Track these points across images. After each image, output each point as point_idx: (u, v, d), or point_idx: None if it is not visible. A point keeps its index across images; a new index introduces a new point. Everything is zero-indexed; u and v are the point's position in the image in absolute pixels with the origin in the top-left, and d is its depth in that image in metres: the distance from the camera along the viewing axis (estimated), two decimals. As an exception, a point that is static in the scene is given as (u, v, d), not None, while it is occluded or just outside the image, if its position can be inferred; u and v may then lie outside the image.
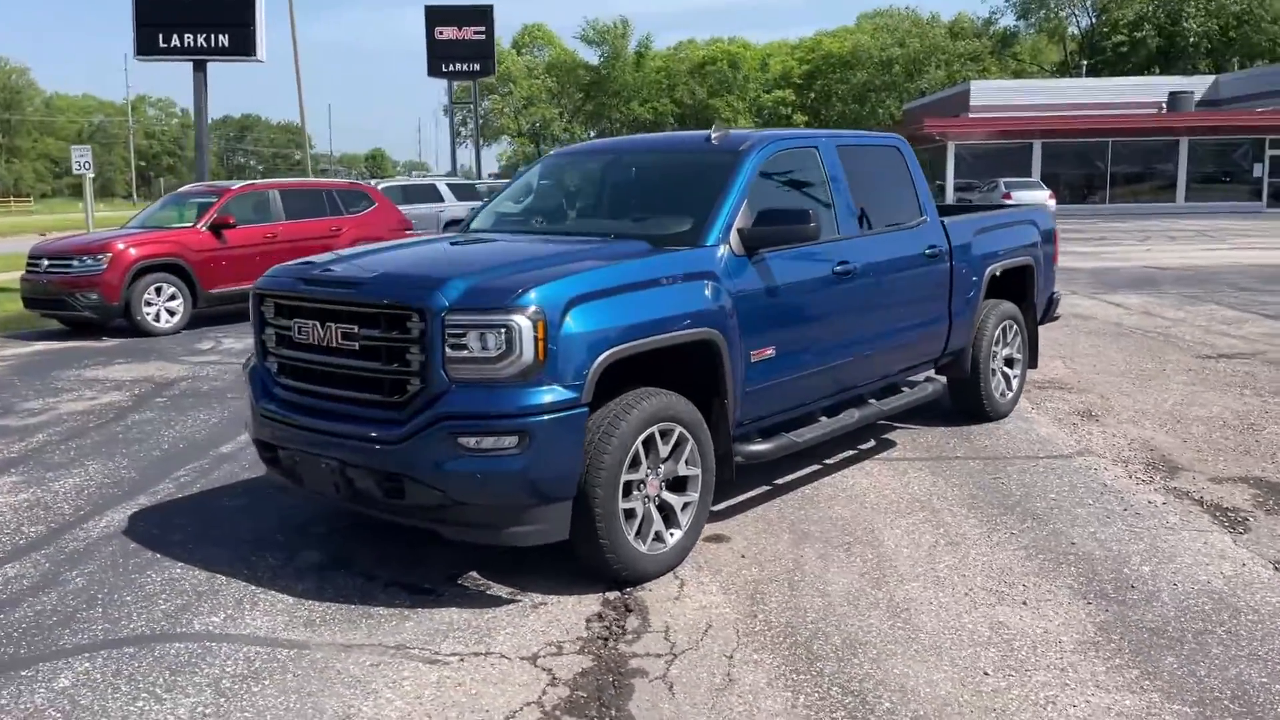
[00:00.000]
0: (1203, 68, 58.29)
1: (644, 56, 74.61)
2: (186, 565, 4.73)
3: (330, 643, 3.91)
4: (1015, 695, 3.38)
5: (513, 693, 3.49)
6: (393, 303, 4.11)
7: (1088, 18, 66.00)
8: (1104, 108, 43.74)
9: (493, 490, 3.99)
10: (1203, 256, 20.44)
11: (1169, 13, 60.19)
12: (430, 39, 42.95)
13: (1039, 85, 48.90)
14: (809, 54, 72.08)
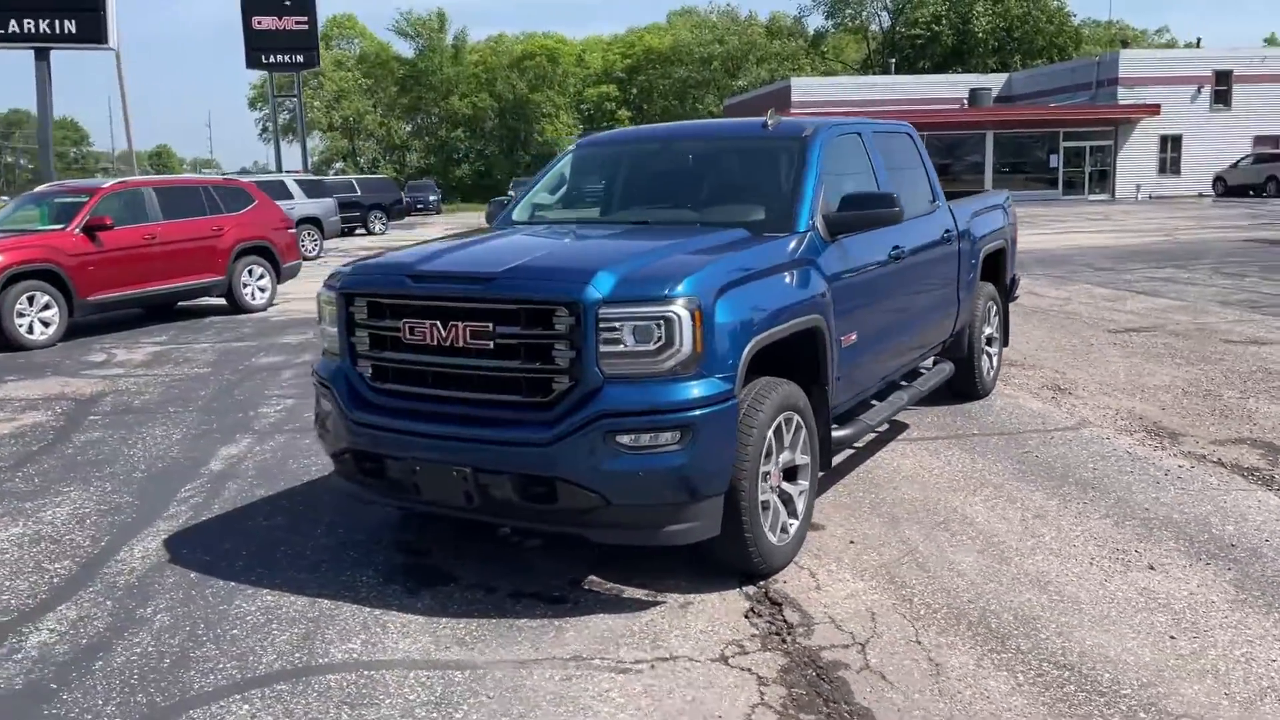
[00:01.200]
0: (991, 65, 62.52)
1: (461, 50, 73.42)
2: (275, 591, 4.34)
3: (500, 660, 3.68)
4: (1214, 655, 3.54)
5: (731, 695, 3.40)
6: (539, 298, 3.89)
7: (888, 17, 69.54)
8: (914, 103, 46.20)
9: (653, 489, 3.85)
10: (1041, 240, 21.92)
11: (960, 13, 64.16)
12: (247, 29, 40.87)
13: (855, 81, 51.12)
14: (630, 49, 72.74)
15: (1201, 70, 42.83)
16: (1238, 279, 14.19)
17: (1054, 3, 64.42)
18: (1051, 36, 63.87)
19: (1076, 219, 29.60)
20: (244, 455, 6.53)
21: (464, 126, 73.05)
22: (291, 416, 7.57)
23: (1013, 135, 42.32)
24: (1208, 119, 42.46)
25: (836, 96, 46.95)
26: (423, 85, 73.81)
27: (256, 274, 14.12)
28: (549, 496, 3.92)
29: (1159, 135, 42.36)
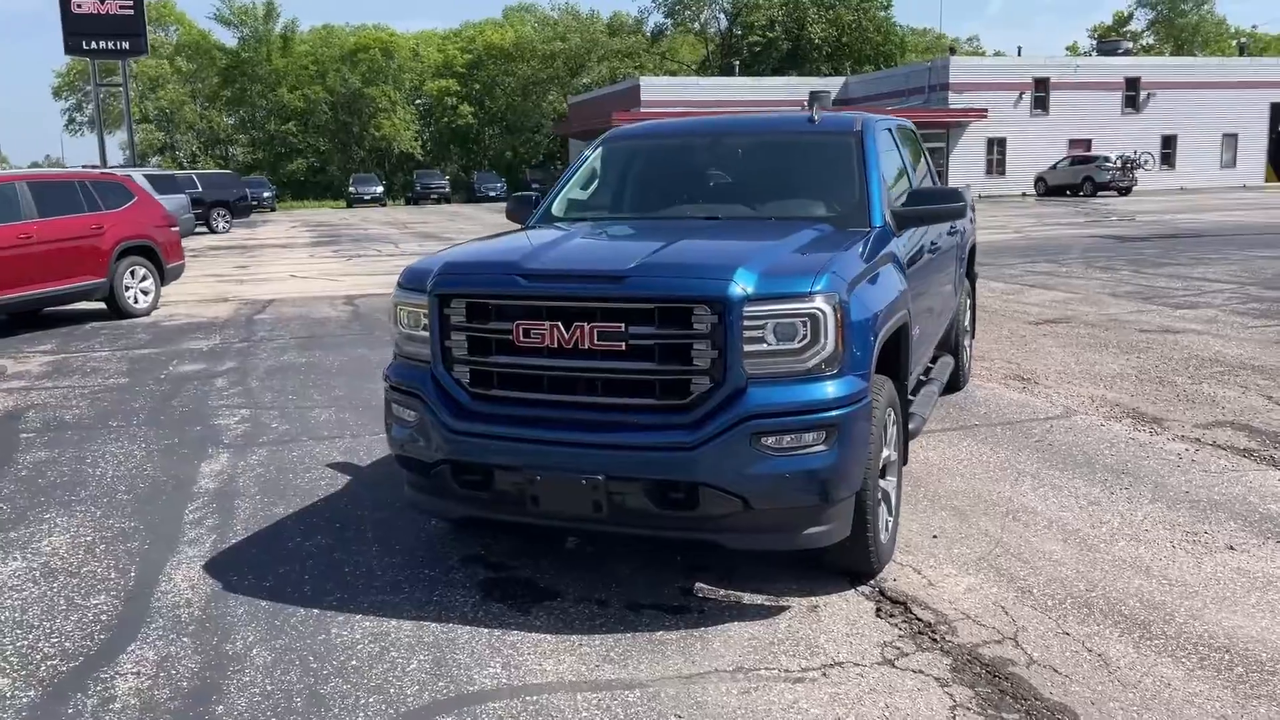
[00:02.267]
0: (825, 70, 64.81)
1: (291, 40, 70.54)
2: (370, 616, 4.02)
3: (664, 676, 3.52)
4: (1345, 627, 3.74)
5: (923, 698, 3.35)
6: (680, 296, 3.73)
7: (725, 20, 71.03)
8: (759, 104, 47.34)
9: (797, 491, 3.76)
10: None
11: (795, 20, 66.19)
12: (65, 12, 38.09)
13: (703, 82, 51.97)
14: (470, 44, 71.60)
15: (1023, 77, 45.66)
16: (1112, 272, 15.17)
17: (880, 13, 67.27)
18: (879, 45, 66.71)
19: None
20: (233, 472, 6.03)
21: (295, 120, 70.19)
22: (258, 429, 7.05)
23: (856, 136, 43.90)
24: (1029, 123, 45.33)
25: (685, 97, 47.68)
26: (248, 76, 70.56)
27: (139, 275, 13.14)
28: (688, 503, 3.77)
29: (986, 138, 44.93)
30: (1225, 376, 7.89)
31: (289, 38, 70.24)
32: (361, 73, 68.87)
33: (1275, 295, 12.22)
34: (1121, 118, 46.91)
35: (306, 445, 6.56)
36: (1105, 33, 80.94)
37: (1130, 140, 45.34)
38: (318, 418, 7.32)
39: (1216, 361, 8.44)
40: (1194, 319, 10.66)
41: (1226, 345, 9.12)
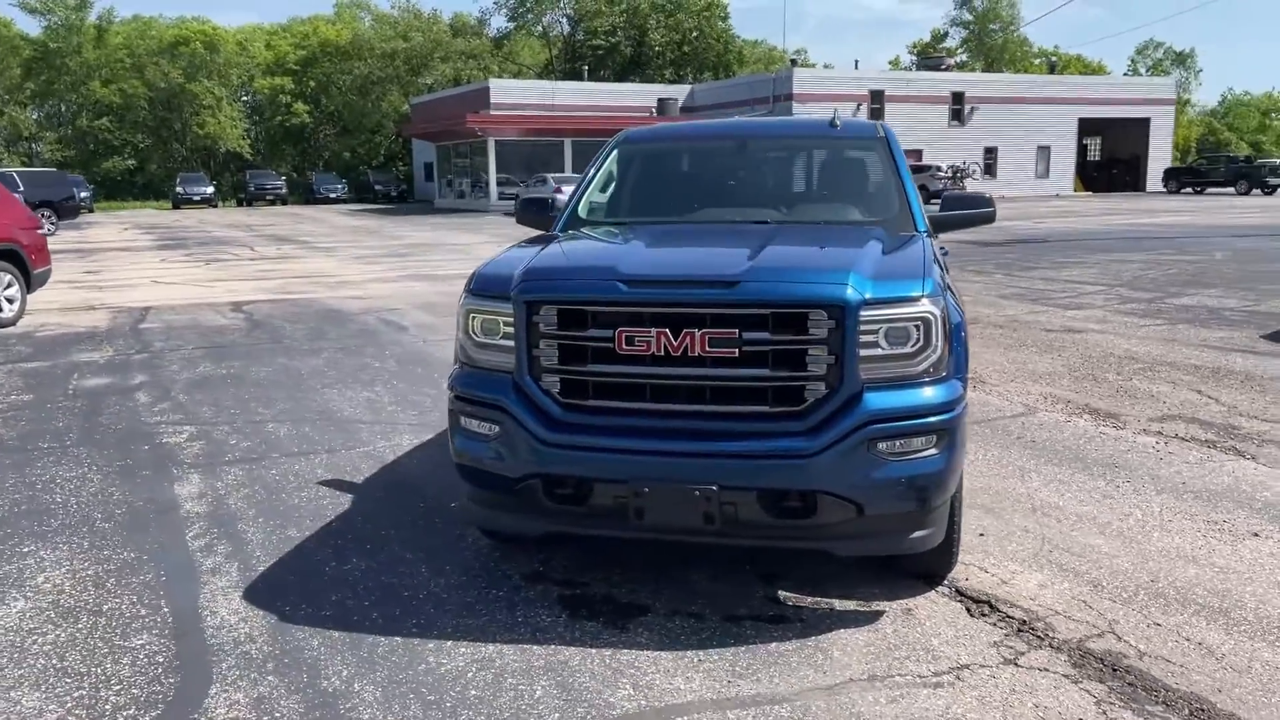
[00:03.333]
0: (668, 76, 65.85)
1: (106, 32, 66.18)
2: (464, 642, 3.81)
3: (803, 689, 3.47)
4: (1395, 603, 4.05)
5: (1066, 696, 3.42)
6: (798, 300, 3.68)
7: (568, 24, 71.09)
8: (609, 109, 47.65)
9: (910, 496, 3.78)
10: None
11: (637, 26, 66.90)
12: None
13: (552, 86, 51.76)
14: (304, 40, 68.95)
15: (860, 89, 47.59)
16: (987, 275, 15.97)
17: (720, 23, 68.81)
18: (720, 54, 68.22)
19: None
20: (215, 493, 5.60)
21: (110, 116, 65.84)
22: (216, 446, 6.58)
23: (706, 143, 44.74)
24: (868, 133, 47.22)
25: (535, 100, 47.47)
26: (55, 68, 65.73)
27: (3, 283, 12.03)
28: (805, 511, 3.73)
29: (829, 147, 46.52)
30: (1149, 373, 8.42)
31: (104, 29, 65.86)
32: (182, 67, 65.18)
33: (1144, 296, 13.15)
34: (949, 130, 49.55)
35: (281, 463, 6.16)
36: (924, 49, 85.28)
37: (957, 151, 47.93)
38: (276, 433, 6.88)
39: (1133, 359, 9.00)
40: (1087, 319, 11.34)
41: (1132, 344, 9.74)
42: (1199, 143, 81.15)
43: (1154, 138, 55.03)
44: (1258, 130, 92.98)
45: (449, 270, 18.37)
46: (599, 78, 62.08)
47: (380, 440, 6.65)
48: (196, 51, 65.93)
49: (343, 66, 65.04)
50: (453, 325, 4.16)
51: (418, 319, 12.17)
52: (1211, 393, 7.70)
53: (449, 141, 47.18)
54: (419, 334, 11.07)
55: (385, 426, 7.01)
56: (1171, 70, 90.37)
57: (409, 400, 7.80)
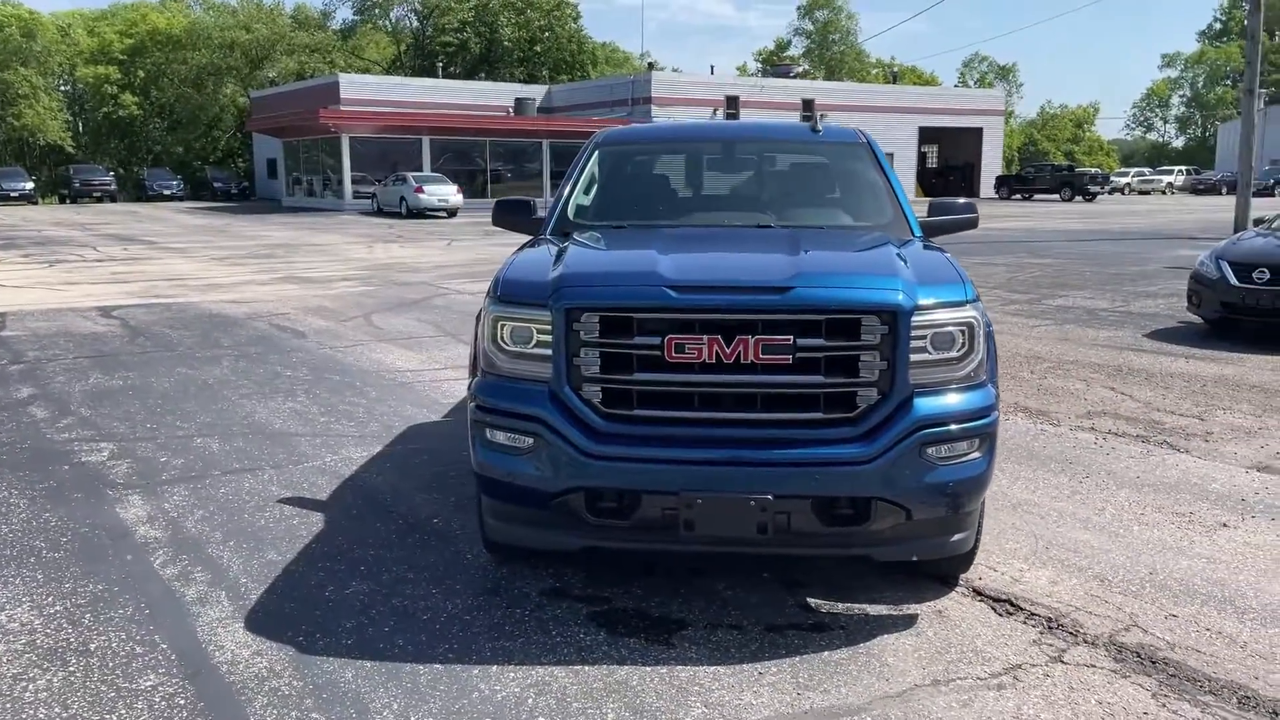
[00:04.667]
0: (519, 75, 65.36)
1: (-93, 13, 60.86)
2: (514, 666, 3.63)
3: (873, 698, 3.45)
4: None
5: (1121, 692, 3.51)
6: (853, 306, 3.66)
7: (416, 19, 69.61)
8: (463, 107, 46.93)
9: (955, 499, 3.82)
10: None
11: (487, 23, 66.10)
12: None
13: (405, 82, 50.52)
14: (132, 28, 65.08)
15: (716, 94, 48.41)
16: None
17: (572, 24, 68.77)
18: (573, 55, 68.15)
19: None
20: (166, 516, 5.19)
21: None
22: (145, 465, 6.10)
23: (568, 145, 44.56)
24: (723, 137, 48.08)
25: (387, 96, 46.33)
26: None
27: None
28: (858, 518, 3.72)
29: (687, 150, 47.15)
30: (1060, 371, 8.83)
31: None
32: (-5, 55, 60.61)
33: (1022, 298, 13.82)
34: (801, 135, 50.94)
35: (228, 481, 5.76)
36: (769, 57, 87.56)
37: (809, 156, 49.37)
38: (208, 448, 6.43)
39: (1039, 358, 9.43)
40: (980, 321, 11.80)
41: (1033, 344, 10.21)
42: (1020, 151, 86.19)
43: (986, 146, 58.07)
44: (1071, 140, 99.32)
45: (323, 272, 17.67)
46: (449, 74, 60.99)
47: (327, 454, 6.30)
48: (11, 37, 61.43)
49: (176, 56, 61.75)
50: (355, 330, 3.95)
51: (313, 324, 11.64)
52: (1124, 390, 8.13)
53: (297, 137, 45.44)
54: (320, 340, 10.58)
55: (326, 439, 6.65)
56: (996, 83, 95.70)
57: (339, 410, 7.43)
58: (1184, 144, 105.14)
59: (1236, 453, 6.35)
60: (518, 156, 44.57)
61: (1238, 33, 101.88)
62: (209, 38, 60.70)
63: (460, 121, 42.95)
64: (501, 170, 44.40)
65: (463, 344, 10.25)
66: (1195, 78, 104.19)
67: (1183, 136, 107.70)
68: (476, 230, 29.50)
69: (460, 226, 31.21)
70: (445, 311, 12.64)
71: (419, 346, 10.18)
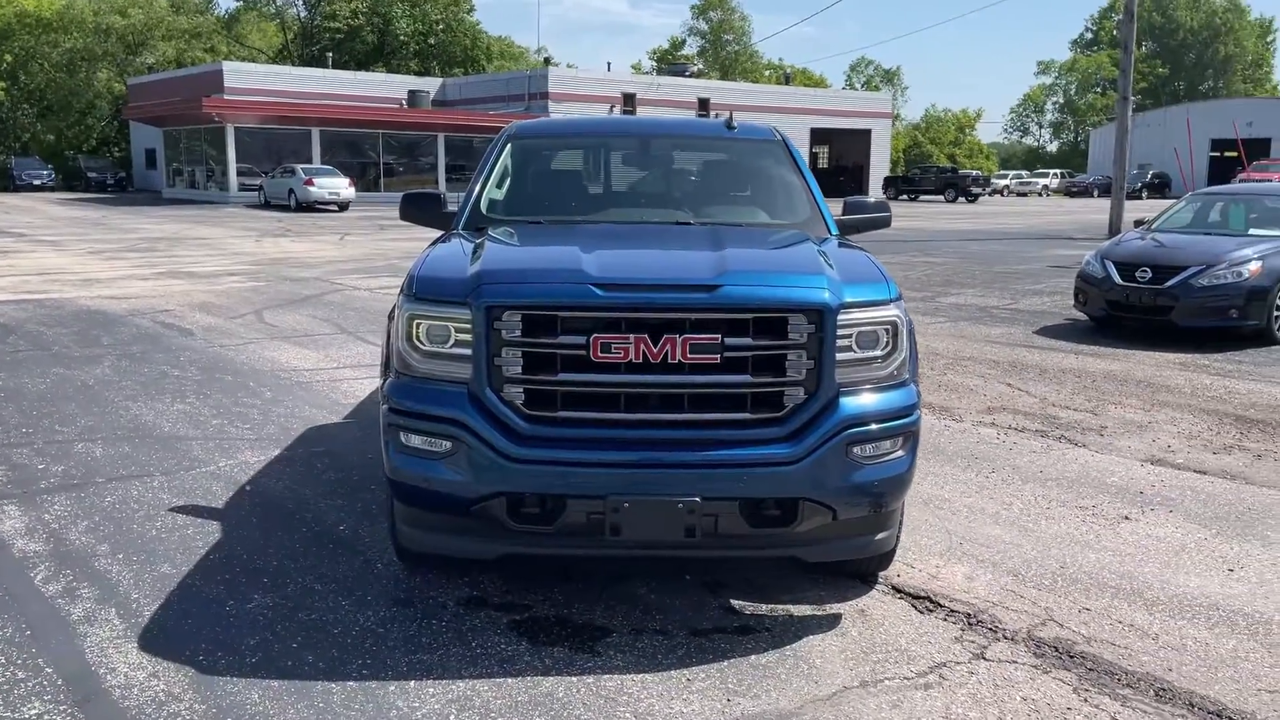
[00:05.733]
0: (414, 68, 64.18)
1: None
2: (433, 681, 3.47)
3: (804, 701, 3.41)
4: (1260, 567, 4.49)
5: (1044, 687, 3.54)
6: (778, 304, 3.61)
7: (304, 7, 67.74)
8: (354, 99, 45.82)
9: (879, 498, 3.81)
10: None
11: (381, 14, 64.70)
12: None
13: (293, 72, 49.07)
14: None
15: (613, 91, 48.22)
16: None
17: (467, 17, 67.87)
18: (467, 48, 67.22)
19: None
20: (47, 527, 4.86)
21: None
22: (21, 472, 5.73)
23: (463, 139, 43.97)
24: (620, 134, 48.05)
25: (273, 85, 44.93)
26: None
27: None
28: (786, 519, 3.67)
29: (583, 146, 46.98)
30: (958, 368, 9.02)
31: None
32: None
33: (917, 295, 14.11)
34: (697, 133, 51.30)
35: (113, 489, 5.43)
36: (664, 56, 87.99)
37: (704, 154, 49.73)
38: (90, 454, 6.06)
39: (937, 354, 9.62)
40: (879, 318, 12.00)
41: (929, 340, 10.40)
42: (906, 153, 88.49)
43: (874, 148, 59.41)
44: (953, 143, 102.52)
45: (209, 267, 16.99)
46: (340, 65, 59.47)
47: (221, 459, 6.00)
48: None
49: (46, 40, 58.72)
50: (246, 328, 3.77)
51: (200, 321, 11.15)
52: (1019, 385, 8.34)
53: (178, 126, 43.68)
54: (209, 338, 10.13)
55: (220, 443, 6.33)
56: (881, 86, 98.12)
57: (233, 413, 7.10)
58: (1058, 148, 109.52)
59: (1130, 446, 6.55)
60: (412, 150, 43.72)
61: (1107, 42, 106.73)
62: (82, 21, 57.89)
63: (351, 113, 41.92)
64: (395, 164, 43.48)
65: (362, 342, 9.95)
66: (1068, 84, 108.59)
67: (1057, 141, 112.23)
68: (370, 225, 28.86)
69: (353, 221, 30.46)
70: (341, 309, 12.26)
71: (315, 345, 9.83)
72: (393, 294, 4.12)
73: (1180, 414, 7.43)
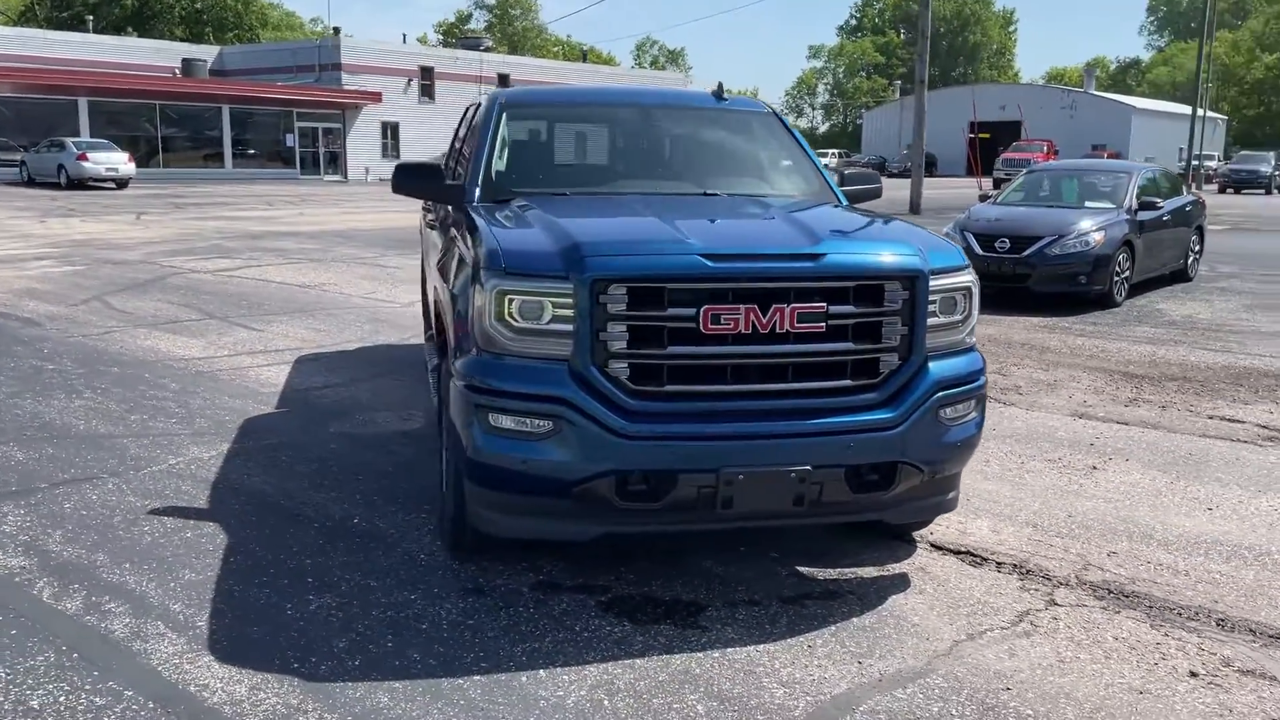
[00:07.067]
0: (179, 34, 60.04)
1: None
2: (566, 668, 3.34)
3: (932, 656, 3.51)
4: (1231, 505, 4.97)
5: (1125, 628, 3.78)
6: (879, 271, 3.66)
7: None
8: (120, 66, 42.39)
9: (959, 458, 3.96)
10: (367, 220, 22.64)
11: (142, -25, 60.10)
12: None
13: (56, 36, 44.68)
14: None
15: (409, 64, 46.96)
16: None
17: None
18: (240, 15, 63.43)
19: (350, 200, 30.77)
20: (16, 541, 4.32)
21: None
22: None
23: (248, 111, 41.54)
24: (419, 110, 46.83)
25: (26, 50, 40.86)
26: None
27: None
28: (883, 483, 3.75)
29: (381, 122, 45.46)
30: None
31: None
32: None
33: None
34: (497, 110, 50.58)
35: (66, 494, 4.88)
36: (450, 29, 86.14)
37: (504, 131, 49.09)
38: (11, 457, 5.43)
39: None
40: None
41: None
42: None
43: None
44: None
45: (5, 250, 15.35)
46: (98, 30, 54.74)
47: (168, 456, 5.49)
48: None
49: None
50: (97, 315, 3.57)
51: (39, 310, 10.07)
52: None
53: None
54: (60, 326, 9.19)
55: (154, 439, 5.79)
56: (667, 66, 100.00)
57: (146, 406, 6.50)
58: (828, 129, 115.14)
59: (1052, 403, 7.05)
60: (195, 122, 40.88)
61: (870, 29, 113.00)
62: None
63: (123, 82, 38.68)
64: (174, 137, 40.57)
65: (241, 328, 9.30)
66: (838, 69, 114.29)
67: (828, 123, 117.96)
68: (162, 203, 26.95)
69: (139, 199, 28.26)
70: (192, 293, 11.37)
71: (190, 332, 9.09)
72: (238, 277, 3.90)
73: (1075, 373, 8.05)
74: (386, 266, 14.19)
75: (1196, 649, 3.60)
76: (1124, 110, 64.79)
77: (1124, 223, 11.43)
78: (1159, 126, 65.03)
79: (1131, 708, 3.20)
